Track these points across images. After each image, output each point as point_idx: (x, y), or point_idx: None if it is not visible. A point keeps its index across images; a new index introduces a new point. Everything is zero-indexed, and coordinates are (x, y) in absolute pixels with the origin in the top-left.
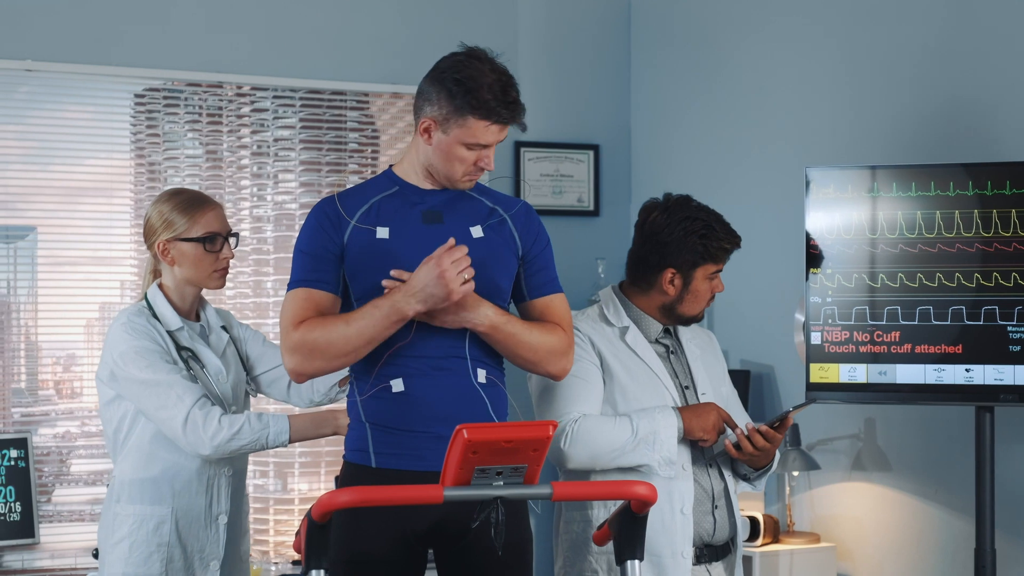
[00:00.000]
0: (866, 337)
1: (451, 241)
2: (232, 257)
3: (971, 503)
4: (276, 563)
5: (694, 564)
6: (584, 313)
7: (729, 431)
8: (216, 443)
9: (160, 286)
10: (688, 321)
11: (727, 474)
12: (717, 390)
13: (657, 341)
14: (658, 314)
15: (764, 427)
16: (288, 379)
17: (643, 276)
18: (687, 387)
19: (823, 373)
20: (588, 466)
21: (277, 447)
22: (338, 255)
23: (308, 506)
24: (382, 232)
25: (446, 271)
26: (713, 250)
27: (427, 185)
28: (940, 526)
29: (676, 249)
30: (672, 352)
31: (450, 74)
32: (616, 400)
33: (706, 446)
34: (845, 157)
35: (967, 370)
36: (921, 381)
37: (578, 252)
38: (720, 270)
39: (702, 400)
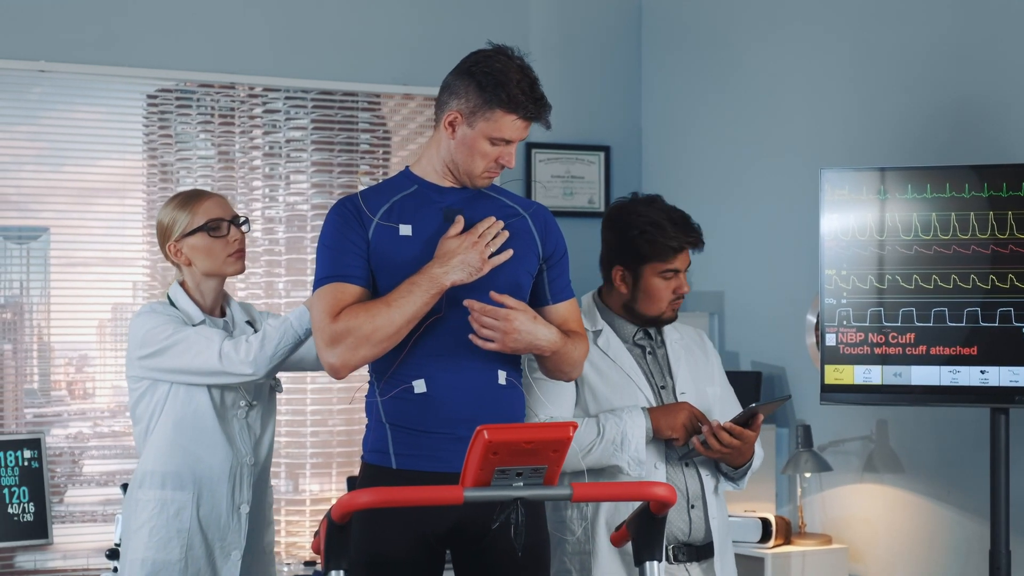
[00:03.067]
0: (881, 339)
1: (491, 219)
2: (241, 237)
3: (984, 504)
4: (288, 564)
5: (671, 563)
6: None
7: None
8: (252, 358)
9: (181, 284)
10: (654, 321)
11: (705, 474)
12: (701, 390)
13: (634, 343)
14: (625, 314)
15: (729, 424)
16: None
17: (604, 275)
18: (663, 387)
19: (838, 375)
20: None
21: (308, 332)
22: (364, 247)
23: (320, 507)
24: (405, 230)
25: (478, 240)
26: (657, 248)
27: (446, 183)
28: (953, 528)
29: (620, 246)
30: (650, 353)
31: (480, 67)
32: (587, 402)
33: (678, 445)
34: (857, 159)
35: (982, 371)
36: (936, 383)
37: (588, 253)
38: (674, 269)
39: (680, 400)
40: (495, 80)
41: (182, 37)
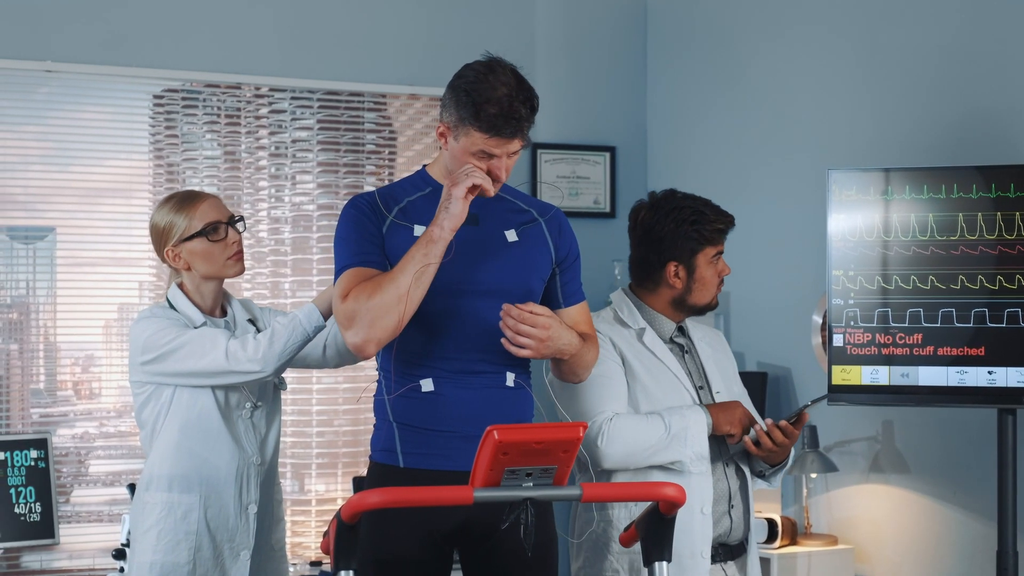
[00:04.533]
0: (888, 339)
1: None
2: (239, 238)
3: (990, 505)
4: (295, 564)
5: (710, 563)
6: (599, 316)
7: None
8: (260, 355)
9: (180, 286)
10: (703, 310)
11: (745, 470)
12: (730, 389)
13: (672, 341)
14: (671, 311)
15: (783, 423)
16: (323, 341)
17: (648, 276)
18: (701, 387)
19: (845, 375)
20: (622, 465)
21: (317, 329)
22: (380, 238)
23: (325, 507)
24: (419, 231)
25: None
26: (708, 233)
27: None
28: (959, 528)
29: (672, 241)
30: (687, 352)
31: (461, 82)
32: (639, 400)
33: (733, 442)
34: (864, 160)
35: (990, 372)
36: (943, 383)
37: (594, 254)
38: (721, 252)
39: (717, 399)
40: (471, 99)
41: (188, 37)
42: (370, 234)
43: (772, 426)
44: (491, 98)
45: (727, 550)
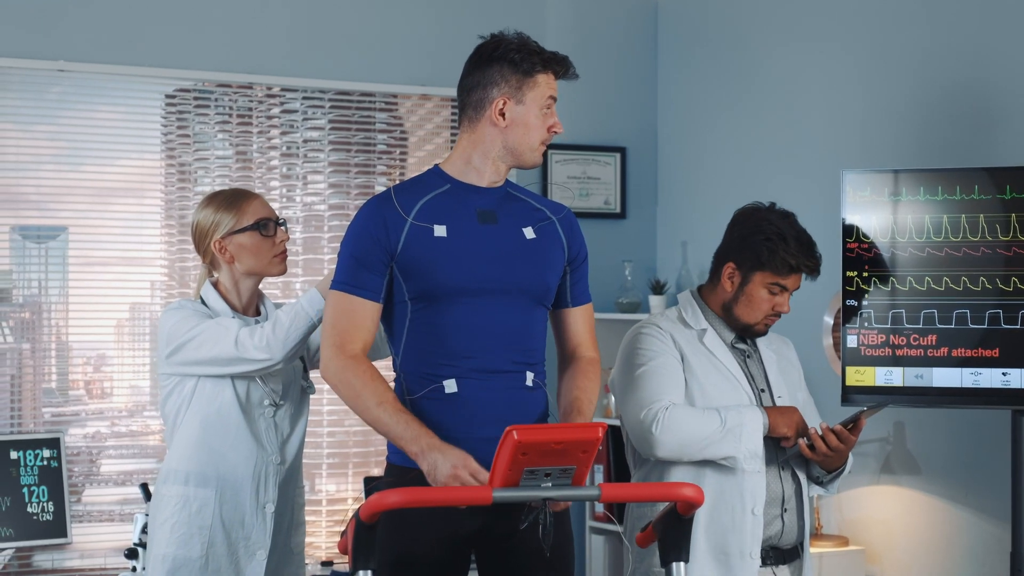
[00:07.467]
0: (902, 340)
1: (480, 474)
2: (288, 240)
3: (1002, 506)
4: (306, 563)
5: (760, 566)
6: (664, 314)
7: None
8: (266, 343)
9: (215, 285)
10: (745, 329)
11: (801, 476)
12: (793, 395)
13: (734, 345)
14: (723, 316)
15: (838, 427)
16: None
17: (714, 270)
18: (762, 391)
19: (859, 376)
20: (676, 455)
21: (320, 313)
22: (386, 261)
23: (336, 507)
24: (439, 230)
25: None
26: (774, 259)
27: (485, 182)
28: (970, 530)
29: (740, 244)
30: (748, 356)
31: (502, 48)
32: (695, 399)
33: (788, 445)
34: (875, 161)
35: (1004, 374)
36: (957, 385)
37: (604, 254)
38: (782, 286)
39: (778, 404)
40: (522, 53)
41: (200, 37)
42: (374, 258)
43: (827, 430)
44: (532, 46)
45: (778, 553)
